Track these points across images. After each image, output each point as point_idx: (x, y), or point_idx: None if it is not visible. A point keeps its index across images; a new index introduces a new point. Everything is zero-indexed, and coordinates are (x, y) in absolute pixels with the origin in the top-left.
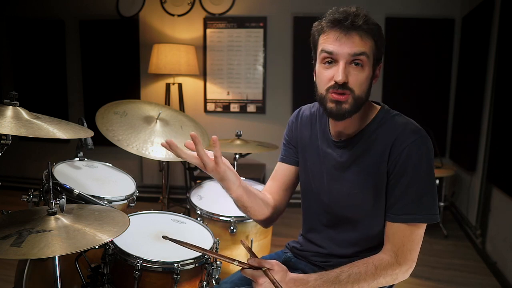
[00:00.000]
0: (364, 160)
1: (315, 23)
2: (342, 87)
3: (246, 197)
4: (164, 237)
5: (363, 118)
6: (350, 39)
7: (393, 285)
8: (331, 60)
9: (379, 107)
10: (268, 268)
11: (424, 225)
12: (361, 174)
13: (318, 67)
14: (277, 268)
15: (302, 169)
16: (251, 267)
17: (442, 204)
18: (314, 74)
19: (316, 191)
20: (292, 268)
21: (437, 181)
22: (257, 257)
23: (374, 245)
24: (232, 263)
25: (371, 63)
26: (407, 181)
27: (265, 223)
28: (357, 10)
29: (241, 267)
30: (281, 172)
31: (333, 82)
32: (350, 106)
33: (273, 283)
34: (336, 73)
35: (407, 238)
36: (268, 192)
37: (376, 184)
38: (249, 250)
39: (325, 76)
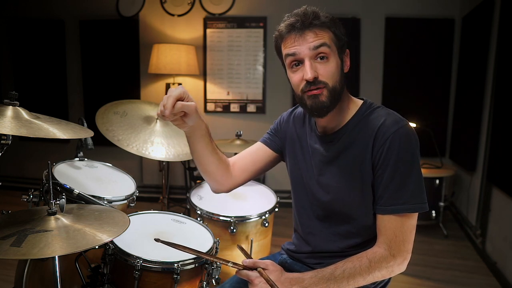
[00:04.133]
0: (349, 154)
1: (275, 33)
2: (314, 83)
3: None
4: (156, 240)
5: (346, 112)
6: (306, 37)
7: (389, 279)
8: (297, 62)
9: (361, 101)
10: (262, 268)
11: (415, 215)
12: (346, 167)
13: (289, 73)
14: (272, 268)
15: (293, 165)
16: (246, 268)
17: (442, 204)
18: (289, 81)
19: (307, 185)
20: (288, 270)
21: (437, 181)
22: (251, 258)
23: (367, 239)
24: (227, 265)
25: (335, 52)
26: (392, 172)
27: (217, 191)
28: (306, 10)
29: (236, 269)
30: (260, 153)
31: (304, 82)
32: (326, 98)
33: (268, 282)
34: (304, 72)
35: (399, 230)
36: (237, 164)
37: (362, 176)
38: (245, 252)
39: (296, 79)
